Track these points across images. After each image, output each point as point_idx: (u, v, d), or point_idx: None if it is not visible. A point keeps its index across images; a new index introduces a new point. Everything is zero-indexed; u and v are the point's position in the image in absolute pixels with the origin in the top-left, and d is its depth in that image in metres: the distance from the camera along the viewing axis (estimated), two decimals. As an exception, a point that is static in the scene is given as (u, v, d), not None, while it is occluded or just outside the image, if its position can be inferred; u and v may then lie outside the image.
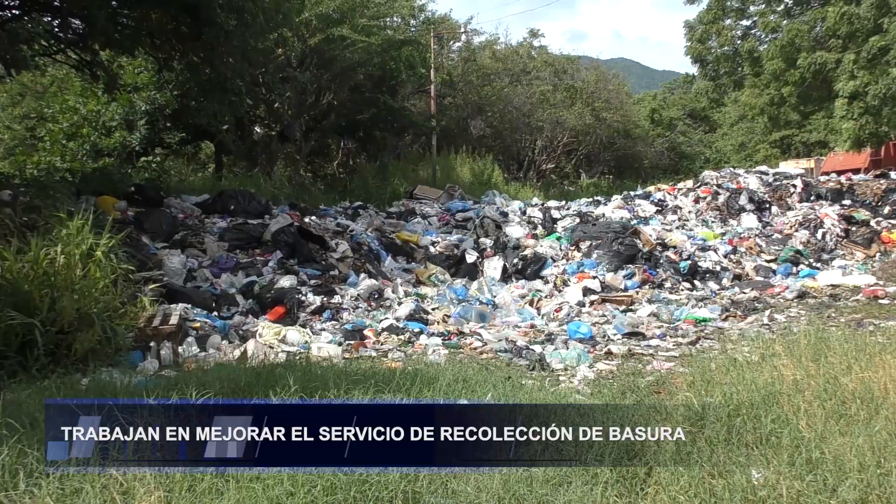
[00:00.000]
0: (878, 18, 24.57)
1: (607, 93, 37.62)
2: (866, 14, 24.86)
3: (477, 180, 25.38)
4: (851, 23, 25.50)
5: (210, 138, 21.00)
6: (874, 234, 14.60)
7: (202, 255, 11.33)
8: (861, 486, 3.49)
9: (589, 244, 13.67)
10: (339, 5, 19.20)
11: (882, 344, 5.66)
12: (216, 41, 11.85)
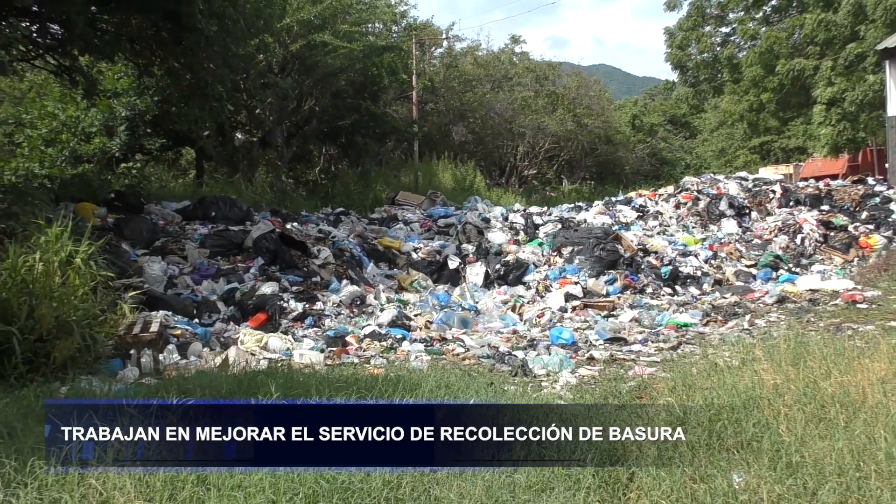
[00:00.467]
0: (855, 26, 24.91)
1: (588, 99, 37.80)
2: (843, 21, 25.20)
3: (459, 186, 25.42)
4: (829, 30, 25.83)
5: (191, 144, 20.90)
6: (852, 240, 14.73)
7: (183, 261, 11.26)
8: (840, 489, 3.52)
9: (571, 250, 13.71)
10: (321, 11, 19.19)
11: (860, 348, 5.71)
12: (197, 47, 11.81)
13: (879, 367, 5.02)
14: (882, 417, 4.10)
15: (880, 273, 11.96)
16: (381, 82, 23.41)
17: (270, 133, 20.71)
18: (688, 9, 32.04)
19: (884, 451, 3.71)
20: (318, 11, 19.12)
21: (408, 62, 27.14)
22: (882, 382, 4.65)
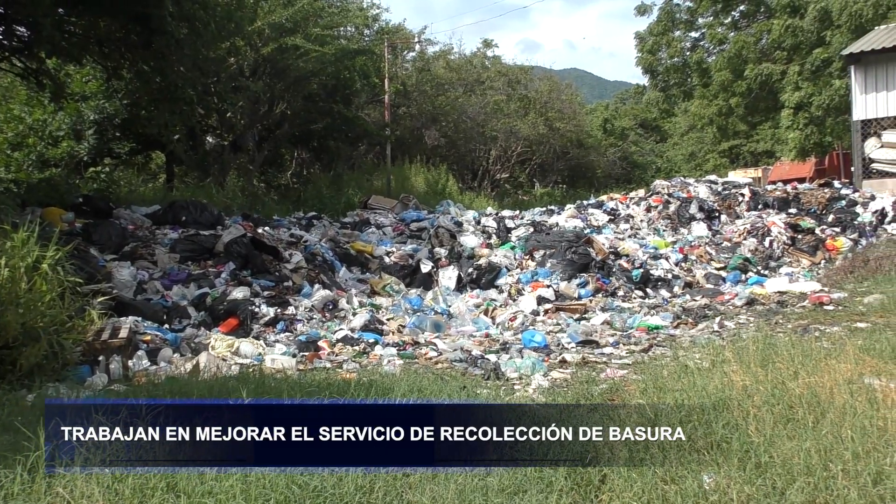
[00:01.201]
0: (821, 31, 25.30)
1: (560, 103, 37.99)
2: (809, 27, 25.58)
3: (431, 190, 25.41)
4: (796, 35, 26.21)
5: (161, 148, 20.71)
6: (819, 242, 14.95)
7: (153, 266, 11.15)
8: (808, 488, 3.57)
9: (543, 253, 13.77)
10: (292, 15, 19.10)
11: (827, 349, 5.79)
12: (167, 50, 11.71)
13: (846, 368, 5.09)
14: (848, 417, 4.15)
15: (846, 275, 12.13)
16: (353, 86, 23.34)
17: (242, 137, 20.58)
18: (658, 14, 32.38)
19: (850, 450, 3.76)
20: (290, 15, 19.02)
21: (380, 66, 27.10)
22: (848, 383, 4.71)
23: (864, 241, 14.95)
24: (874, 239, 14.99)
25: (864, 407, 4.30)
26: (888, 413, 4.22)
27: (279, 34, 19.11)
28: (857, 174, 18.93)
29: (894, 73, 18.56)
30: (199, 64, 13.36)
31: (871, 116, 18.84)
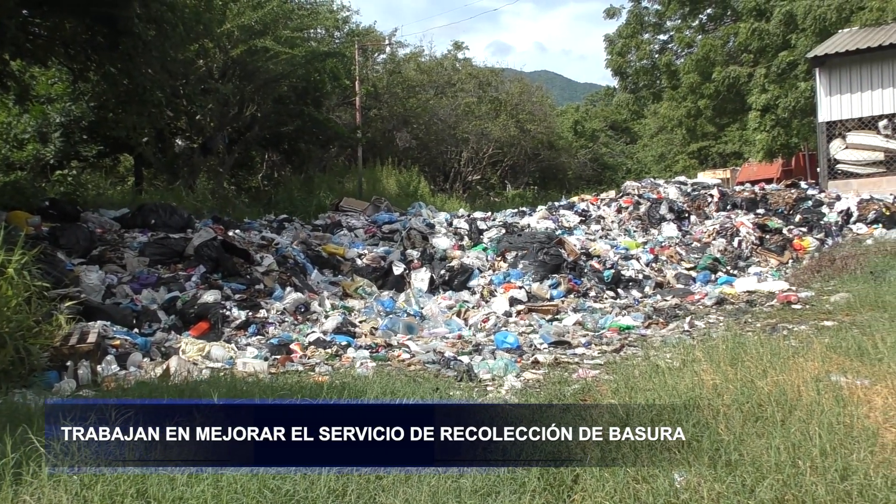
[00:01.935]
0: (787, 35, 25.67)
1: (531, 105, 38.16)
2: (775, 30, 25.94)
3: (403, 192, 25.40)
4: (762, 38, 26.56)
5: (129, 151, 20.49)
6: (787, 242, 15.16)
7: (122, 270, 11.02)
8: (778, 485, 3.61)
9: (515, 254, 13.80)
10: (262, 17, 18.99)
11: (795, 348, 5.87)
12: (134, 51, 11.60)
13: (813, 366, 5.16)
14: (816, 415, 4.21)
15: (813, 274, 12.31)
16: (323, 88, 23.26)
17: (211, 139, 20.41)
18: (627, 17, 32.63)
19: (818, 447, 3.81)
20: (259, 17, 18.91)
21: (350, 68, 27.03)
22: (816, 381, 4.78)
23: (831, 241, 15.20)
24: (840, 238, 15.24)
25: (830, 404, 4.36)
26: (854, 410, 4.28)
27: (248, 36, 18.99)
28: (823, 175, 19.23)
29: (858, 75, 18.88)
30: (168, 66, 13.25)
31: (836, 118, 19.14)
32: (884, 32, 20.02)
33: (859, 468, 3.63)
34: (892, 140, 18.45)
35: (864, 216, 15.90)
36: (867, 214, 15.90)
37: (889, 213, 15.86)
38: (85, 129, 16.89)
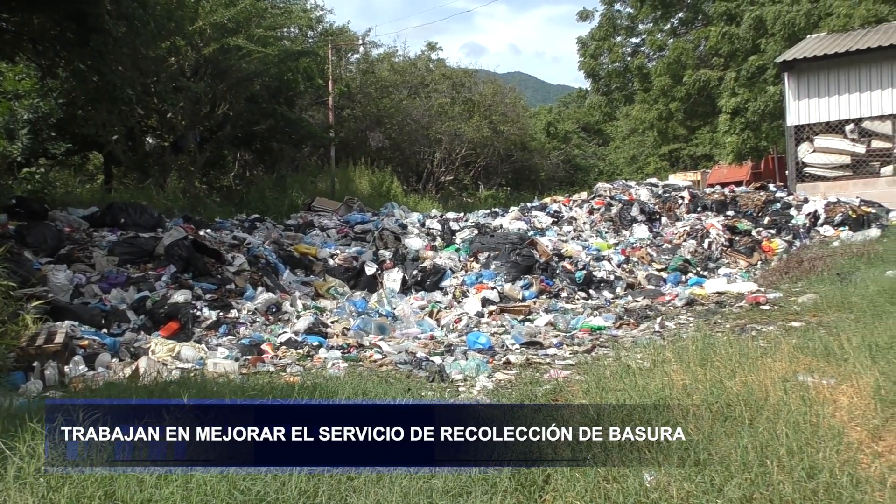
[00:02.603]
0: (756, 39, 25.96)
1: (504, 106, 38.25)
2: (745, 35, 26.23)
3: (376, 192, 25.36)
4: (732, 43, 26.85)
5: (98, 149, 20.26)
6: (755, 244, 15.34)
7: (90, 270, 10.89)
8: (746, 484, 3.65)
9: (487, 255, 13.83)
10: (235, 15, 18.84)
11: (763, 348, 5.94)
12: (104, 48, 11.47)
13: (781, 366, 5.23)
14: (783, 414, 4.26)
15: (781, 276, 12.46)
16: (296, 87, 23.15)
17: (183, 138, 20.22)
18: (599, 19, 32.80)
19: (785, 446, 3.86)
20: (232, 15, 18.77)
21: (324, 67, 26.93)
22: (783, 381, 4.84)
23: (798, 243, 15.40)
24: (807, 240, 15.44)
25: (797, 404, 4.42)
26: (820, 409, 4.35)
27: (221, 34, 18.85)
28: (791, 178, 19.48)
29: (826, 80, 19.16)
30: (139, 63, 13.12)
31: (804, 122, 19.40)
32: (851, 38, 20.33)
33: (825, 467, 3.68)
34: (859, 144, 18.74)
35: (831, 218, 16.13)
36: (834, 217, 16.13)
37: (855, 215, 16.11)
38: (53, 127, 16.66)
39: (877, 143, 18.64)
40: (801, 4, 24.42)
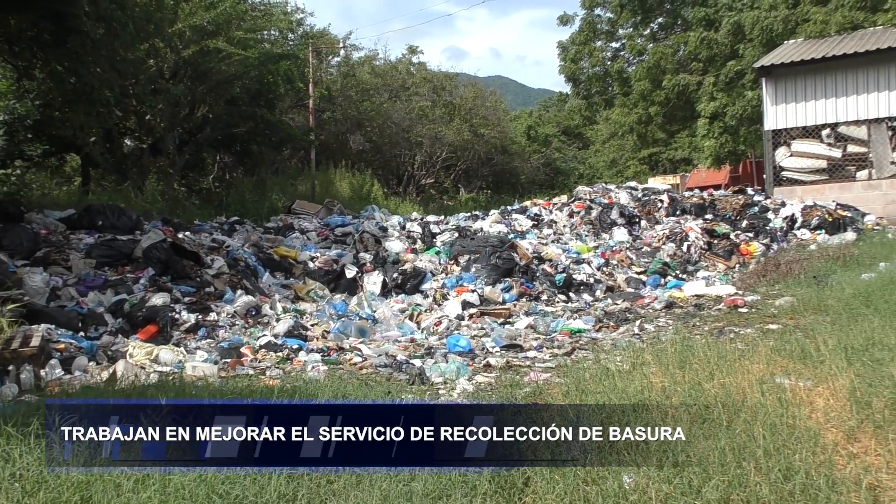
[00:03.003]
0: (735, 45, 26.19)
1: (485, 109, 38.33)
2: (724, 40, 26.44)
3: (356, 195, 25.32)
4: (711, 48, 27.06)
5: (76, 150, 20.10)
6: (734, 247, 15.46)
7: (67, 272, 10.79)
8: (723, 486, 3.67)
9: (467, 258, 13.84)
10: (214, 17, 18.76)
11: (741, 350, 5.98)
12: (82, 49, 11.39)
13: (758, 369, 5.27)
14: (760, 416, 4.30)
15: (759, 279, 12.56)
16: (277, 90, 23.09)
17: (161, 140, 20.10)
18: (580, 24, 32.96)
19: (762, 448, 3.89)
20: (212, 17, 18.68)
21: (304, 70, 26.87)
22: (760, 383, 4.88)
23: (776, 246, 15.53)
24: (785, 244, 15.59)
25: (774, 406, 4.46)
26: (797, 411, 4.39)
27: (201, 37, 18.75)
28: (769, 182, 19.65)
29: (803, 85, 19.35)
30: (117, 65, 13.02)
31: (782, 126, 19.59)
32: (827, 44, 20.56)
33: (801, 468, 3.71)
34: (835, 149, 18.95)
35: (808, 222, 16.29)
36: (811, 220, 16.30)
37: (831, 219, 16.28)
38: (30, 128, 16.51)
39: (853, 147, 18.85)
40: (778, 10, 24.67)
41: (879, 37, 19.83)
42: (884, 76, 18.51)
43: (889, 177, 18.33)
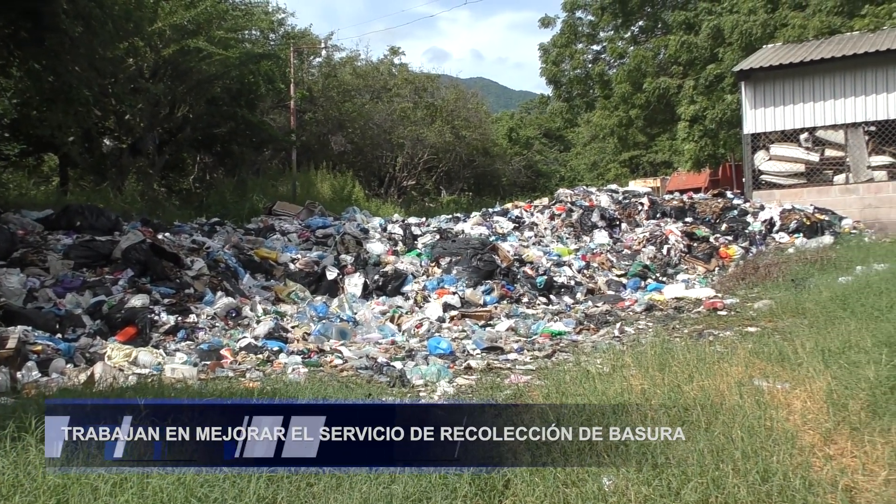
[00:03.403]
0: (714, 48, 26.36)
1: (467, 111, 38.37)
2: (703, 44, 26.61)
3: (337, 196, 25.25)
4: (690, 51, 27.21)
5: (54, 150, 19.92)
6: (713, 250, 15.57)
7: (44, 273, 10.68)
8: (702, 488, 3.70)
9: (449, 260, 13.84)
10: (195, 16, 18.65)
11: (720, 353, 6.03)
12: (60, 48, 11.29)
13: (737, 371, 5.32)
14: (739, 418, 4.33)
15: (738, 281, 12.66)
16: (258, 90, 22.97)
17: (141, 140, 19.95)
18: (561, 26, 33.02)
19: (740, 450, 3.92)
20: (192, 16, 18.57)
21: (286, 71, 26.78)
22: (739, 385, 4.92)
23: (755, 249, 15.66)
24: (763, 247, 15.72)
25: (752, 408, 4.50)
26: (775, 413, 4.43)
27: (181, 36, 18.64)
28: (748, 185, 19.79)
29: (781, 89, 19.52)
30: (96, 64, 12.91)
31: (761, 130, 19.73)
32: (805, 49, 20.75)
33: (779, 470, 3.75)
34: (813, 153, 19.11)
35: (786, 225, 16.43)
36: (789, 224, 16.44)
37: (809, 222, 16.44)
38: (7, 127, 16.34)
39: (830, 151, 19.03)
40: (757, 15, 24.85)
41: (856, 42, 20.04)
42: (860, 81, 18.71)
43: (865, 181, 18.51)
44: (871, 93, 18.58)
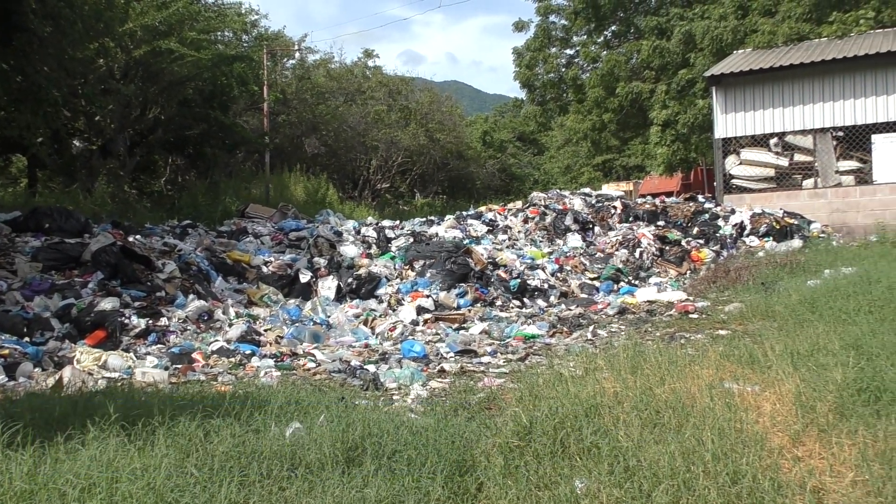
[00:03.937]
0: (686, 53, 26.61)
1: (441, 114, 38.42)
2: (675, 49, 26.85)
3: (311, 199, 25.15)
4: (663, 56, 27.44)
5: (22, 151, 19.66)
6: (685, 253, 15.70)
7: (12, 276, 10.53)
8: (673, 490, 3.72)
9: (422, 263, 13.84)
10: (167, 17, 18.49)
11: (691, 356, 6.07)
12: (29, 48, 11.15)
13: (707, 374, 5.36)
14: (709, 421, 4.36)
15: (709, 285, 12.77)
16: (230, 92, 22.82)
17: (112, 141, 19.73)
18: (535, 30, 33.14)
19: (711, 452, 3.95)
20: (164, 17, 18.41)
21: (259, 73, 26.63)
22: (710, 388, 4.95)
23: (726, 253, 15.82)
24: (734, 250, 15.88)
25: (723, 410, 4.53)
26: (744, 416, 4.47)
27: (152, 37, 18.47)
28: (719, 189, 19.99)
29: (751, 94, 19.75)
30: (65, 64, 12.76)
31: (731, 135, 19.95)
32: (774, 55, 21.02)
33: (748, 472, 3.77)
34: (782, 157, 19.35)
35: (757, 229, 16.61)
36: (759, 228, 16.62)
37: (779, 226, 16.63)
38: (-27, 128, 16.09)
39: (799, 156, 19.27)
40: (728, 21, 25.13)
41: (825, 48, 20.34)
42: (829, 87, 18.98)
43: (834, 186, 18.78)
44: (839, 98, 18.86)
